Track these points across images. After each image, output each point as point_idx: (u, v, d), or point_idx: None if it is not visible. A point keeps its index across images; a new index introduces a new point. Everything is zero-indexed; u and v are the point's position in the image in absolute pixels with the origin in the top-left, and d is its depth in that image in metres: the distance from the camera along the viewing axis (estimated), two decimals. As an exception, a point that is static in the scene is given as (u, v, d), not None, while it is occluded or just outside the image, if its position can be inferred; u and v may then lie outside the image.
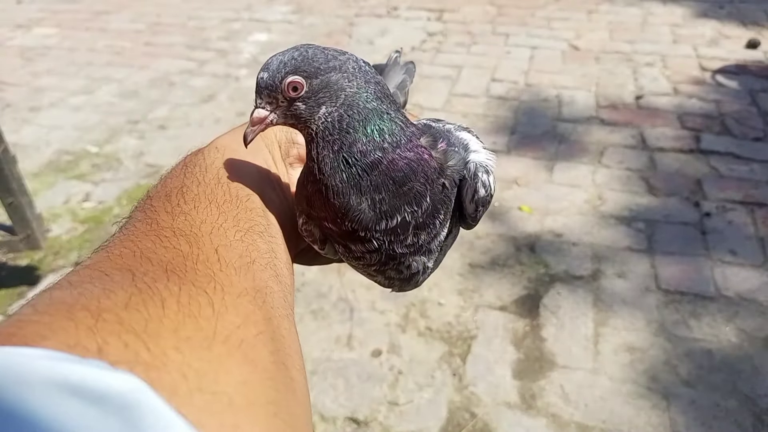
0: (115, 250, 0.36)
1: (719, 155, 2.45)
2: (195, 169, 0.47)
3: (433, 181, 0.44)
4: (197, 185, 0.44)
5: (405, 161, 0.43)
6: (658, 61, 3.28)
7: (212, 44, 3.79)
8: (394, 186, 0.42)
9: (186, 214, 0.40)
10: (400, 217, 0.43)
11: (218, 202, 0.43)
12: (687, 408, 1.48)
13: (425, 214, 0.44)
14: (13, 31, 4.12)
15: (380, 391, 1.56)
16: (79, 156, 2.67)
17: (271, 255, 0.42)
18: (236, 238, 0.40)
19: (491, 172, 0.48)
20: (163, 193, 0.44)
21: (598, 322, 1.72)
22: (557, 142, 2.59)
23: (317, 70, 0.42)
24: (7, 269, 2.05)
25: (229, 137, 0.53)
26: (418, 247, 0.46)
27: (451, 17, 4.03)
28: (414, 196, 0.43)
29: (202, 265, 0.35)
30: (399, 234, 0.44)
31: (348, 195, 0.42)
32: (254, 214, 0.44)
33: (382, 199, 0.42)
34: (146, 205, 0.43)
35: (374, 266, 0.48)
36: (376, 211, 0.43)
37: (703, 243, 1.99)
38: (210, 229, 0.39)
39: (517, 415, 1.48)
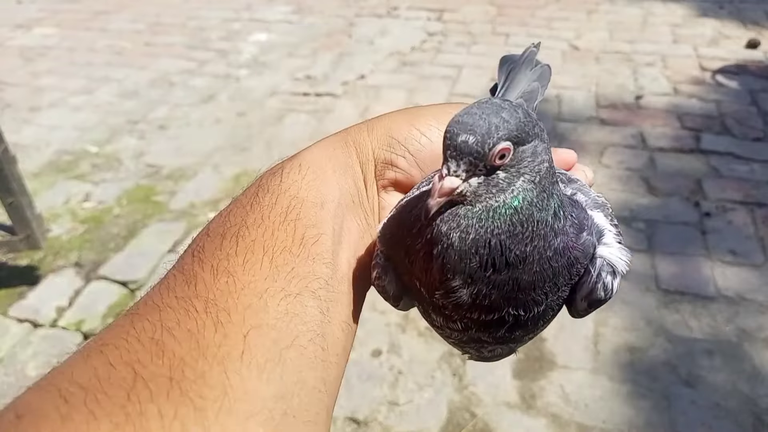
0: (138, 325, 0.32)
1: (719, 155, 2.45)
2: (265, 197, 0.42)
3: (558, 287, 0.38)
4: (257, 226, 0.39)
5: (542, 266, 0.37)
6: (658, 61, 3.28)
7: (212, 44, 3.79)
8: (513, 289, 0.36)
9: (230, 273, 0.36)
10: (497, 316, 0.38)
11: (275, 251, 0.38)
12: (687, 408, 1.48)
13: (530, 318, 0.39)
14: (13, 31, 4.12)
15: (380, 391, 1.56)
16: (79, 156, 2.67)
17: (321, 322, 0.37)
18: (279, 310, 0.35)
19: (619, 275, 0.40)
20: (220, 231, 0.40)
21: (599, 322, 1.72)
22: (557, 141, 2.59)
23: (527, 136, 0.36)
24: (7, 269, 2.05)
25: (319, 151, 0.47)
26: (509, 339, 0.41)
27: (452, 17, 4.03)
28: (526, 302, 0.37)
29: (219, 366, 0.31)
30: (491, 327, 0.39)
31: (455, 274, 0.36)
32: (317, 264, 0.39)
33: (487, 295, 0.37)
34: (197, 248, 0.39)
35: (452, 340, 0.43)
36: (474, 301, 0.37)
37: (703, 243, 1.99)
38: (249, 301, 0.34)
39: (517, 415, 1.48)
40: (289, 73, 3.34)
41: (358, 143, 0.48)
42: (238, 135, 2.76)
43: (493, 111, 0.36)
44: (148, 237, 2.15)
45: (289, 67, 3.41)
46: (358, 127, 0.50)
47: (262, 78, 3.31)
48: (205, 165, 2.55)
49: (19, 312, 1.85)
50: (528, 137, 0.36)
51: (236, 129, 2.81)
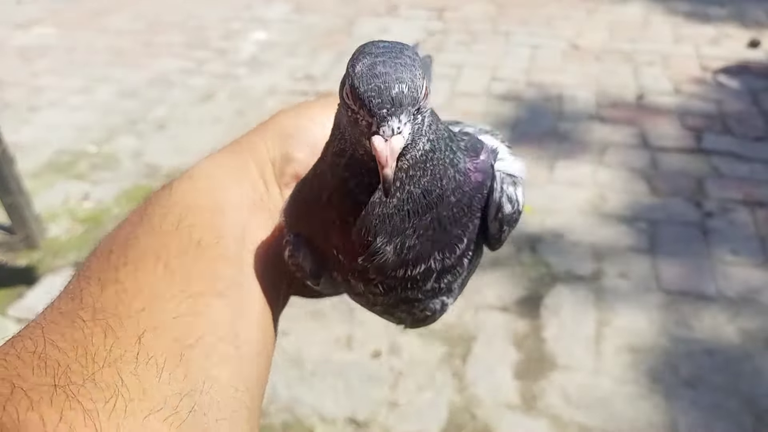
0: (18, 345, 0.30)
1: (720, 155, 2.45)
2: (155, 210, 0.40)
3: (472, 213, 0.38)
4: (148, 236, 0.37)
5: (458, 197, 0.36)
6: (659, 60, 3.27)
7: (211, 43, 3.78)
8: (437, 230, 0.36)
9: (119, 282, 0.34)
10: (425, 266, 0.37)
11: (169, 256, 0.36)
12: (688, 408, 1.48)
13: (456, 257, 0.38)
14: (13, 31, 4.11)
15: (380, 392, 1.55)
16: (78, 156, 2.67)
17: (231, 321, 0.35)
18: (179, 312, 0.33)
19: (519, 184, 0.40)
20: (108, 248, 0.38)
21: (600, 322, 1.71)
22: (558, 141, 2.59)
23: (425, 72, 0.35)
24: (5, 269, 2.05)
25: (209, 161, 0.46)
26: (438, 290, 0.40)
27: (452, 16, 4.02)
28: (451, 241, 0.37)
29: (110, 368, 0.29)
30: (418, 281, 0.38)
31: (378, 234, 0.35)
32: (219, 264, 0.37)
33: (412, 246, 0.36)
34: (84, 268, 0.37)
35: (378, 307, 0.42)
36: (399, 257, 0.36)
37: (705, 243, 1.99)
38: (143, 305, 0.33)
39: (518, 416, 1.48)
40: (289, 72, 3.34)
41: (251, 147, 0.47)
42: (237, 134, 2.74)
43: (398, 52, 0.34)
44: (148, 237, 2.14)
45: (288, 66, 3.40)
46: (248, 132, 0.49)
47: (261, 77, 3.31)
48: (204, 165, 2.54)
49: (18, 312, 1.84)
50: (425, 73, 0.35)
51: (235, 128, 2.80)
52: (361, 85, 0.32)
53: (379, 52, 0.34)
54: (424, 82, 0.33)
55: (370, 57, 0.33)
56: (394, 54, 0.34)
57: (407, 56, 0.34)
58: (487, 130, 0.44)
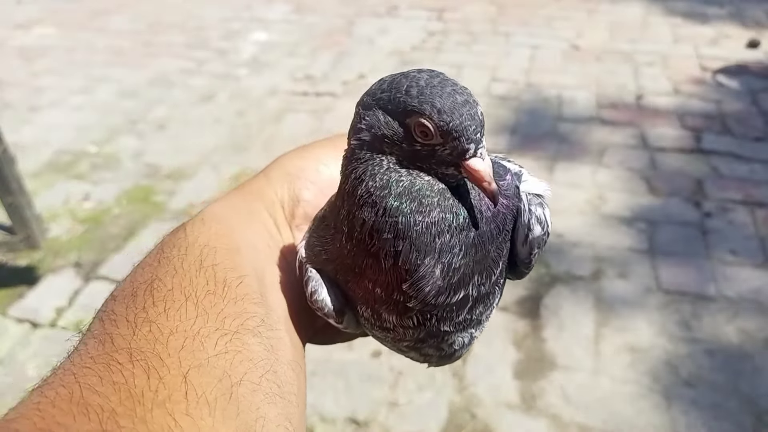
0: (50, 393, 0.28)
1: (720, 155, 2.45)
2: (173, 252, 0.39)
3: (505, 235, 0.38)
4: (172, 276, 0.36)
5: (493, 213, 0.37)
6: (658, 60, 3.28)
7: (212, 44, 3.78)
8: (479, 250, 0.36)
9: (152, 322, 0.32)
10: (464, 293, 0.36)
11: (198, 295, 0.35)
12: (688, 408, 1.48)
13: (491, 284, 0.37)
14: (13, 31, 4.11)
15: (380, 392, 1.55)
16: (79, 156, 2.67)
17: (269, 359, 0.34)
18: (218, 350, 0.32)
19: (546, 205, 0.40)
20: (129, 291, 0.36)
21: (599, 322, 1.71)
22: (558, 142, 2.59)
23: None
24: (6, 269, 2.05)
25: (219, 205, 0.45)
26: (470, 321, 0.39)
27: (452, 16, 4.02)
28: (489, 264, 0.36)
29: (160, 409, 0.28)
30: (453, 311, 0.37)
31: (428, 254, 0.35)
32: (247, 303, 0.36)
33: (458, 268, 0.36)
34: (106, 311, 0.35)
35: (407, 342, 0.40)
36: (444, 280, 0.35)
37: (704, 243, 1.99)
38: (181, 343, 0.31)
39: (518, 415, 1.48)
40: (289, 72, 3.34)
41: (259, 191, 0.47)
42: (237, 135, 2.76)
43: (447, 78, 0.36)
44: (148, 237, 2.15)
45: (288, 67, 3.40)
46: (254, 177, 0.49)
47: (261, 77, 3.31)
48: (204, 165, 2.54)
49: (19, 312, 1.84)
50: None
51: (236, 128, 2.81)
52: (454, 118, 0.34)
53: (437, 80, 0.35)
54: None
55: (441, 87, 0.35)
56: (450, 81, 0.36)
57: (454, 80, 0.36)
58: (502, 157, 0.44)
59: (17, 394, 1.72)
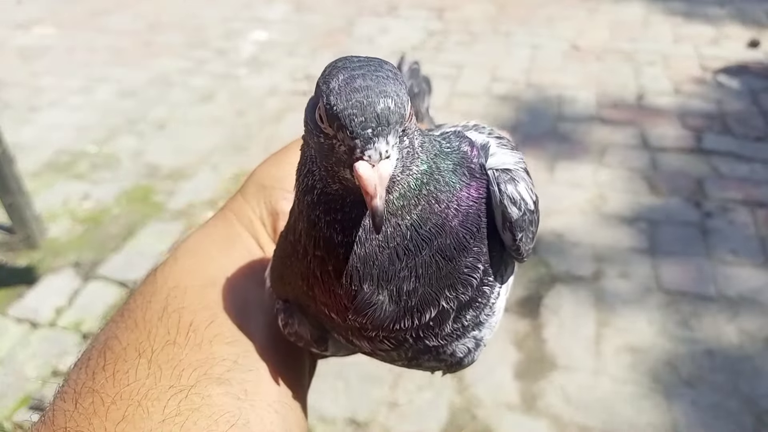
0: None
1: (720, 155, 2.45)
2: (137, 302, 0.36)
3: (483, 231, 0.32)
4: (131, 330, 0.33)
5: (461, 219, 0.30)
6: (659, 60, 3.27)
7: (211, 43, 3.78)
8: (442, 265, 0.30)
9: (96, 392, 0.30)
10: (436, 310, 0.31)
11: (154, 350, 0.31)
12: (688, 408, 1.48)
13: (474, 290, 0.32)
14: (13, 31, 4.11)
15: (380, 392, 1.55)
16: (78, 156, 2.67)
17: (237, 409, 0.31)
18: (167, 413, 0.28)
19: (520, 179, 0.34)
20: (87, 354, 0.34)
21: (600, 322, 1.71)
22: (558, 141, 2.59)
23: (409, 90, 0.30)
24: (5, 269, 2.05)
25: (194, 236, 0.42)
26: (463, 329, 0.34)
27: (452, 16, 4.02)
28: (461, 274, 0.31)
29: None
30: (432, 327, 0.32)
31: (363, 281, 0.30)
32: (217, 346, 0.33)
33: (413, 290, 0.30)
34: (65, 381, 0.33)
35: (400, 362, 0.36)
36: (399, 305, 0.30)
37: (705, 243, 1.99)
38: (122, 414, 0.28)
39: (518, 416, 1.48)
40: (289, 72, 3.33)
41: (236, 211, 0.44)
42: (237, 134, 2.75)
43: (377, 65, 0.29)
44: (147, 237, 2.14)
45: (288, 66, 3.40)
46: (232, 197, 0.46)
47: (261, 77, 3.31)
48: (204, 165, 2.54)
49: (18, 312, 1.84)
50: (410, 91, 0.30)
51: (235, 128, 2.80)
52: (339, 101, 0.27)
53: (356, 65, 0.29)
54: (408, 99, 0.29)
55: (346, 71, 0.29)
56: (373, 67, 0.29)
57: (388, 69, 0.29)
58: (471, 126, 0.38)
59: (17, 394, 1.72)
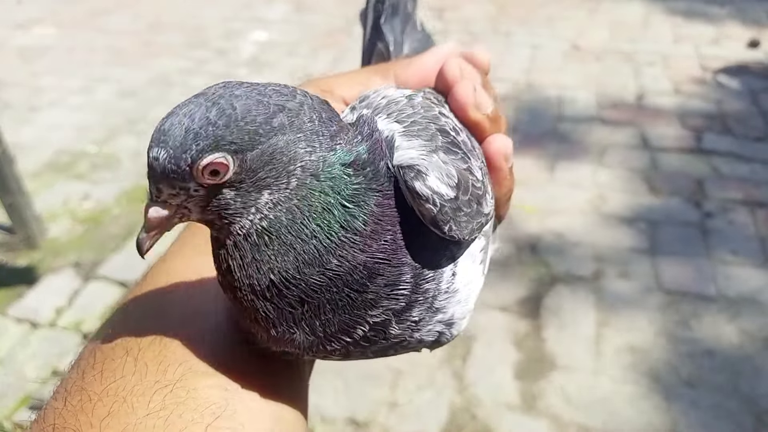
0: None
1: (720, 155, 2.45)
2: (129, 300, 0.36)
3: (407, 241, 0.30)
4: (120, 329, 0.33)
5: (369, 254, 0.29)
6: (659, 60, 3.27)
7: (211, 43, 3.78)
8: (354, 298, 0.29)
9: (83, 389, 0.30)
10: (365, 328, 0.30)
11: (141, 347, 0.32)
12: (688, 409, 1.48)
13: (407, 297, 0.30)
14: (13, 31, 4.11)
15: (380, 392, 1.55)
16: (78, 156, 2.67)
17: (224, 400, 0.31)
18: (152, 407, 0.29)
19: (428, 171, 0.30)
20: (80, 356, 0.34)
21: (600, 322, 1.71)
22: (558, 141, 2.59)
23: (254, 137, 0.26)
24: (6, 269, 2.05)
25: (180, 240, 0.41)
26: (417, 323, 0.32)
27: (452, 16, 4.02)
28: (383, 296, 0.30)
29: None
30: (372, 339, 0.31)
31: (270, 325, 0.30)
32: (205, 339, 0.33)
33: (326, 322, 0.29)
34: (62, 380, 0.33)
35: (365, 357, 0.34)
36: (318, 337, 0.30)
37: (705, 243, 1.99)
38: (108, 410, 0.29)
39: (518, 416, 1.48)
40: (289, 72, 3.33)
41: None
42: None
43: (197, 110, 0.27)
44: (148, 237, 2.14)
45: (288, 66, 3.40)
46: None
47: (261, 77, 3.31)
48: (204, 165, 2.54)
49: (18, 312, 1.84)
50: (258, 138, 0.26)
51: (236, 128, 2.80)
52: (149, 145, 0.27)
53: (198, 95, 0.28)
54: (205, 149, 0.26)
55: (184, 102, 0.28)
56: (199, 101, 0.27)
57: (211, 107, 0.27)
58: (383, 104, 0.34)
59: (17, 394, 1.72)
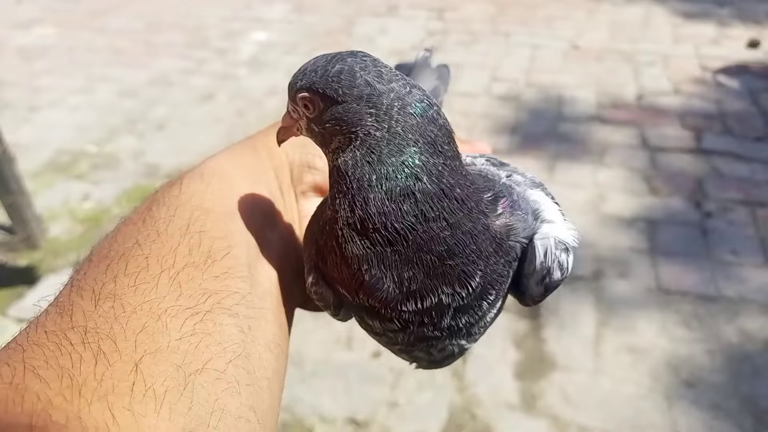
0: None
1: (720, 155, 2.45)
2: (160, 211, 0.36)
3: (488, 257, 0.35)
4: (153, 240, 0.33)
5: (450, 233, 0.33)
6: (659, 60, 3.27)
7: (211, 43, 3.78)
8: (433, 263, 0.33)
9: (116, 297, 0.30)
10: (435, 299, 0.34)
11: (176, 267, 0.32)
12: (688, 409, 1.48)
13: (471, 296, 0.35)
14: (13, 31, 4.11)
15: (380, 392, 1.55)
16: (78, 156, 2.67)
17: (242, 342, 0.32)
18: (184, 332, 0.29)
19: (571, 251, 0.38)
20: (105, 252, 0.33)
21: (600, 322, 1.71)
22: (558, 141, 2.59)
23: (336, 94, 0.33)
24: (6, 269, 2.05)
25: (223, 158, 0.42)
26: (456, 330, 0.37)
27: (452, 16, 4.02)
28: (459, 276, 0.34)
29: (100, 403, 0.25)
30: (433, 317, 0.35)
31: (366, 265, 0.33)
32: (230, 278, 0.33)
33: (412, 277, 0.33)
34: (78, 274, 0.32)
35: (398, 346, 0.40)
36: (402, 290, 0.33)
37: (705, 243, 1.99)
38: (143, 324, 0.28)
39: (518, 416, 1.48)
40: (289, 72, 3.31)
41: (269, 147, 0.43)
42: (237, 134, 2.75)
43: (321, 59, 0.35)
44: (148, 237, 2.14)
45: (288, 66, 3.40)
46: (266, 130, 0.45)
47: (261, 77, 3.31)
48: (204, 165, 2.54)
49: (18, 312, 1.84)
50: (338, 96, 0.32)
51: (235, 128, 2.80)
52: None
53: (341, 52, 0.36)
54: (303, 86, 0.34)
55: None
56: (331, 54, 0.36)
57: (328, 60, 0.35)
58: (537, 183, 0.41)
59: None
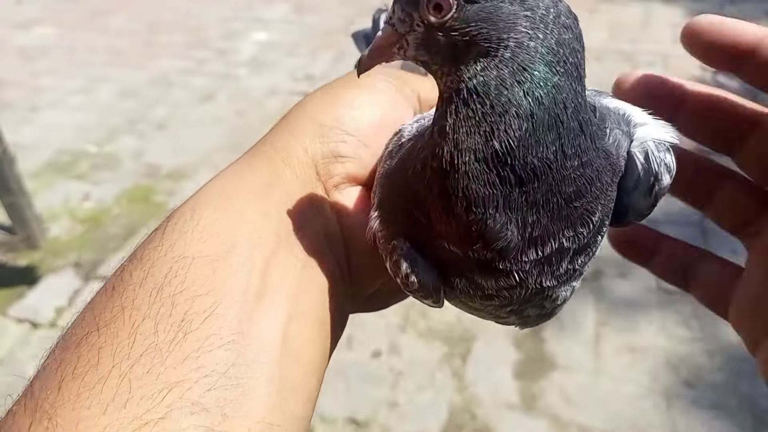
0: None
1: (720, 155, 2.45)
2: (134, 274, 0.29)
3: (607, 188, 0.31)
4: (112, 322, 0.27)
5: (581, 172, 0.29)
6: (659, 60, 3.28)
7: (211, 43, 3.78)
8: (559, 205, 0.29)
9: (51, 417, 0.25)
10: (556, 244, 0.30)
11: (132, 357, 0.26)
12: (688, 408, 1.48)
13: (590, 234, 0.31)
14: (13, 31, 4.11)
15: (380, 392, 1.55)
16: (78, 156, 2.67)
17: None
18: None
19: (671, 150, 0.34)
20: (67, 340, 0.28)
21: (599, 322, 1.71)
22: (558, 141, 2.59)
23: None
24: (6, 269, 2.05)
25: (225, 176, 0.36)
26: (572, 272, 0.33)
27: (451, 16, 4.02)
28: (581, 215, 0.30)
29: None
30: (552, 264, 0.31)
31: (492, 209, 0.28)
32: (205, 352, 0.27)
33: (535, 222, 0.29)
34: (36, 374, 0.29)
35: (511, 306, 0.34)
36: (525, 237, 0.29)
37: (705, 243, 1.99)
38: None
39: (518, 416, 1.48)
40: (289, 72, 3.34)
41: (283, 149, 0.37)
42: (237, 135, 2.76)
43: None
44: (148, 237, 2.15)
45: (288, 67, 3.40)
46: (274, 131, 0.39)
47: (261, 77, 3.31)
48: (204, 165, 2.54)
49: (19, 312, 1.84)
50: None
51: (236, 129, 2.81)
52: None
53: None
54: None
55: None
56: None
57: None
58: (601, 92, 0.37)
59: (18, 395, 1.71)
